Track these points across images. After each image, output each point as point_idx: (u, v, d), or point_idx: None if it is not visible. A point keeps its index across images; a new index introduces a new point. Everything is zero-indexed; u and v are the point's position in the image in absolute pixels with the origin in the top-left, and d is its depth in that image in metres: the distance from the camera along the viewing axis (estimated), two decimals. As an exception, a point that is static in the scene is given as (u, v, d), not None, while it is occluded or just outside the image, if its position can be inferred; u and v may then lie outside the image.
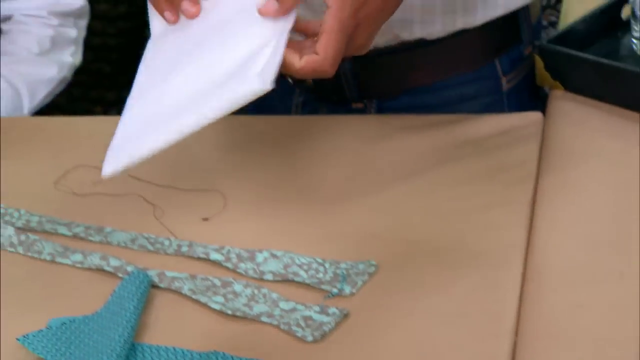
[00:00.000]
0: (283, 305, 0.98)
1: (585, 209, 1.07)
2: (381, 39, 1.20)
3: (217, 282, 1.01)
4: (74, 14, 1.70)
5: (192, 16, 1.06)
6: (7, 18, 1.68)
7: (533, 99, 1.37)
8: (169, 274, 1.02)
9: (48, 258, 1.07)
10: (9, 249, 1.08)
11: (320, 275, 1.02)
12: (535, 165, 1.13)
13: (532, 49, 1.34)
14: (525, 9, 1.33)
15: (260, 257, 1.05)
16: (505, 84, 1.34)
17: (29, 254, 1.07)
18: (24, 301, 1.02)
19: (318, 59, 0.96)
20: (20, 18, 1.68)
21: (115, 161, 0.98)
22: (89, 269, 1.05)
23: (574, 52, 1.25)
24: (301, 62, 0.96)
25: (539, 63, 1.30)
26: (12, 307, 1.00)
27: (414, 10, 1.22)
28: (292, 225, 1.08)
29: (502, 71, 1.34)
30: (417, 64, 1.09)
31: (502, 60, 1.33)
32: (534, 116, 1.24)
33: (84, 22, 1.74)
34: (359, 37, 0.98)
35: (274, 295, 0.99)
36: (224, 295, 0.99)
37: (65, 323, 0.95)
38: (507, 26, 1.25)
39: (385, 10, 1.00)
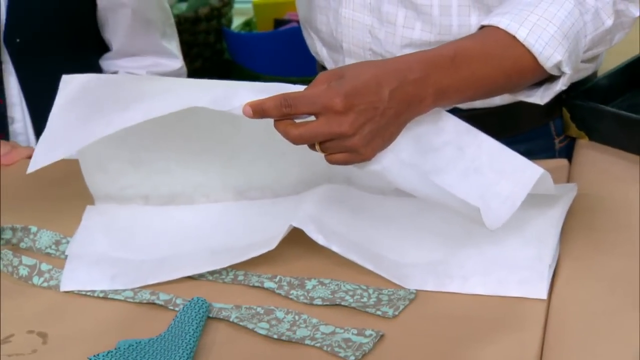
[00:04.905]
0: (323, 329, 1.06)
1: (608, 250, 1.13)
2: None
3: (261, 310, 1.09)
4: (172, 75, 1.77)
5: None
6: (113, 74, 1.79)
7: None
8: (217, 305, 1.11)
9: (101, 295, 1.16)
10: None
11: (365, 299, 1.10)
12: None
13: None
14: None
15: (309, 285, 1.13)
16: (557, 143, 1.40)
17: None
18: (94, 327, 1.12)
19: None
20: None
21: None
22: (140, 303, 1.14)
23: (597, 105, 1.33)
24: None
25: (566, 115, 1.37)
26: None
27: None
28: (338, 257, 1.15)
29: (555, 132, 1.40)
30: (476, 124, 1.14)
31: (556, 123, 1.39)
32: (561, 162, 1.32)
33: None
34: (345, 123, 1.03)
35: (314, 321, 1.07)
36: (268, 322, 1.07)
37: (132, 345, 1.04)
38: (564, 92, 1.29)
39: (384, 116, 1.05)
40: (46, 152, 1.19)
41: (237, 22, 3.11)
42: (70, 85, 1.23)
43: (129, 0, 1.70)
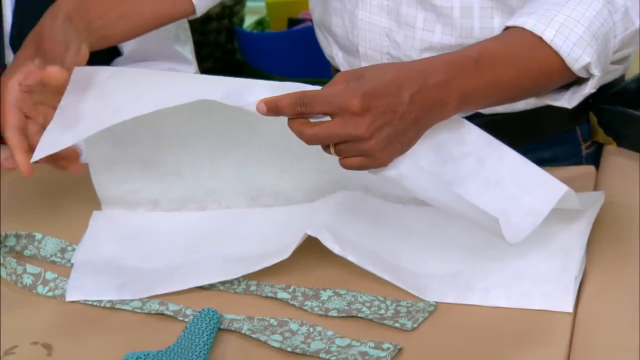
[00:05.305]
0: (339, 342, 1.03)
1: (636, 261, 1.10)
2: None
3: (274, 322, 1.06)
4: None
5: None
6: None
7: None
8: (228, 316, 1.08)
9: (108, 305, 1.13)
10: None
11: (382, 311, 1.07)
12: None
13: None
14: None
15: (324, 296, 1.10)
16: (584, 149, 1.37)
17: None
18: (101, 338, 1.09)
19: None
20: None
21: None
22: (148, 313, 1.11)
23: (625, 109, 1.30)
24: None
25: (593, 119, 1.34)
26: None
27: None
28: (354, 266, 1.13)
29: (582, 138, 1.36)
30: (499, 130, 1.13)
31: (582, 128, 1.36)
32: (587, 169, 1.29)
33: None
34: (362, 125, 1.00)
35: (329, 333, 1.04)
36: (282, 334, 1.04)
37: (140, 357, 1.01)
38: (591, 97, 1.25)
39: (403, 120, 1.02)
40: (52, 140, 1.16)
41: (249, 21, 3.08)
42: (81, 76, 1.20)
43: None
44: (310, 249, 1.14)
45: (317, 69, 1.90)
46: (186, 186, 1.28)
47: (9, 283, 1.17)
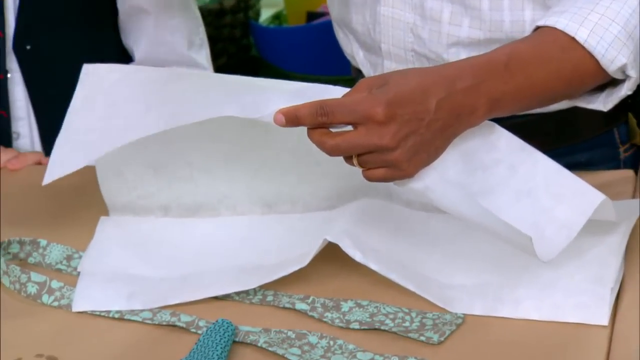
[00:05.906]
0: (361, 356, 0.99)
1: None
2: None
3: (292, 335, 1.03)
4: None
5: None
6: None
7: None
8: (243, 328, 1.04)
9: (116, 316, 1.10)
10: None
11: (407, 324, 1.03)
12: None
13: None
14: None
15: (345, 307, 1.07)
16: (622, 152, 1.34)
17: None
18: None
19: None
20: None
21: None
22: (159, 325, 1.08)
23: None
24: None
25: (632, 121, 1.30)
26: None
27: None
28: (376, 276, 1.10)
29: (620, 140, 1.33)
30: (532, 132, 1.11)
31: (620, 129, 1.33)
32: (626, 173, 1.27)
33: None
34: (386, 135, 0.98)
35: (351, 347, 1.00)
36: (300, 347, 1.01)
37: (152, 371, 0.99)
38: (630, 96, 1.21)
39: (430, 128, 1.00)
40: (63, 159, 1.15)
41: (265, 15, 3.07)
42: (92, 76, 1.19)
43: (150, 6, 1.64)
44: (330, 257, 1.11)
45: (337, 66, 1.87)
46: (199, 192, 1.25)
47: (12, 292, 1.15)
